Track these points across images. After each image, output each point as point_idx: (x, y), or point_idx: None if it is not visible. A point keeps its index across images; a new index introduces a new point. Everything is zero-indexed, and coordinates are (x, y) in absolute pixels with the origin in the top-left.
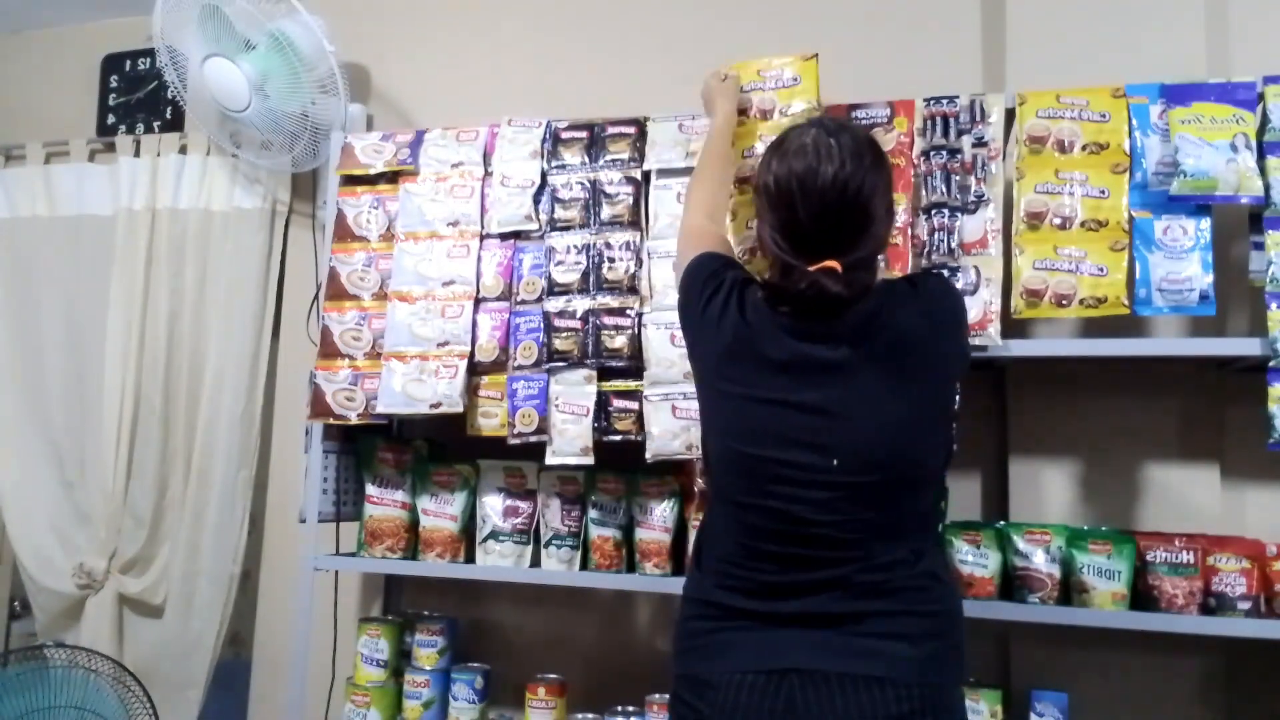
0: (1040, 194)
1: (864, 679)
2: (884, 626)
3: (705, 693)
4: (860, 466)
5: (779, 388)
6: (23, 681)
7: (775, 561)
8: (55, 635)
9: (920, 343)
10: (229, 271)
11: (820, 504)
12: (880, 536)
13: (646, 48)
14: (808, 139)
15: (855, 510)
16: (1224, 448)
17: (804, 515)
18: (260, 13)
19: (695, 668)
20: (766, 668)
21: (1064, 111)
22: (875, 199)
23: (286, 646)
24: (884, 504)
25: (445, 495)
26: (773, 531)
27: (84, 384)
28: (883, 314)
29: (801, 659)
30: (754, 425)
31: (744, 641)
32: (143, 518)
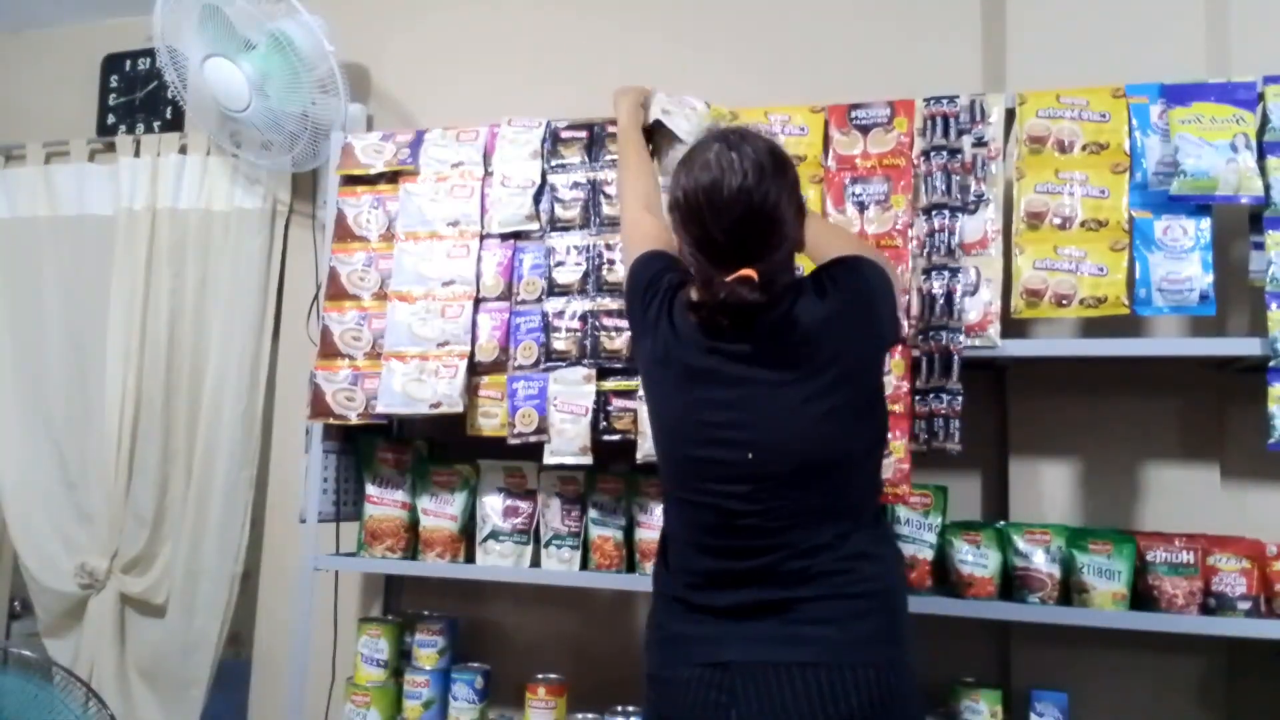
0: (1040, 194)
1: (796, 665)
2: (810, 612)
3: (659, 688)
4: (774, 458)
5: (699, 390)
6: None
7: (711, 554)
8: (57, 636)
9: (826, 335)
10: (229, 271)
11: (743, 496)
12: (803, 524)
13: (647, 47)
14: (710, 154)
15: (776, 500)
16: (1224, 448)
17: (731, 508)
18: (260, 13)
19: (651, 665)
20: (708, 661)
21: (1064, 111)
22: (781, 205)
23: (286, 646)
24: (803, 493)
25: (445, 495)
26: (708, 525)
27: (85, 384)
28: (791, 312)
29: (738, 651)
30: (681, 425)
31: (689, 636)
32: (144, 517)
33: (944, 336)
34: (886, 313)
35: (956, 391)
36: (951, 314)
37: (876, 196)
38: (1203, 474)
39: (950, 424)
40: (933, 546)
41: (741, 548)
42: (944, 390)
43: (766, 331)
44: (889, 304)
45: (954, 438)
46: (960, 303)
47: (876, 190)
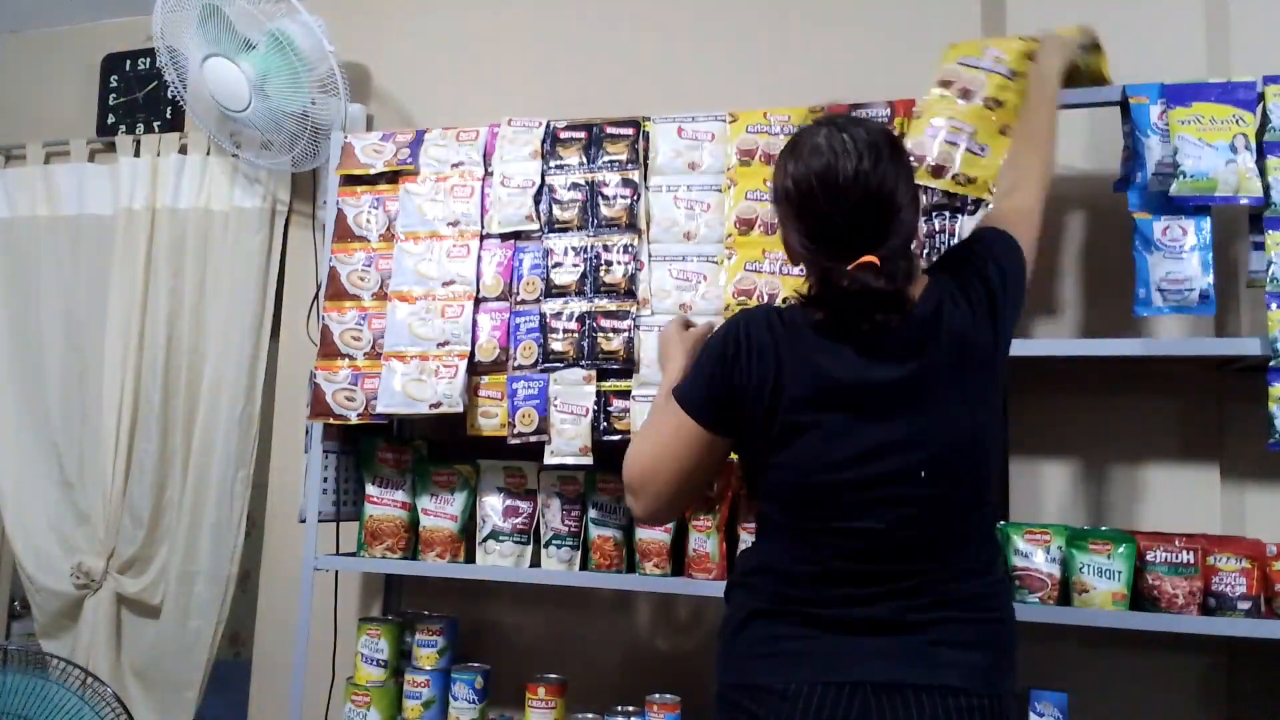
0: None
1: (938, 689)
2: (956, 635)
3: (770, 701)
4: (946, 477)
5: (854, 410)
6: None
7: (848, 579)
8: (53, 635)
9: (977, 341)
10: (229, 271)
11: (905, 520)
12: (957, 543)
13: (647, 47)
14: (820, 138)
15: (937, 521)
16: (1224, 448)
17: (886, 531)
18: (260, 13)
19: (759, 677)
20: (838, 679)
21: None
22: (898, 188)
23: (286, 646)
24: (962, 511)
25: (445, 495)
26: (851, 551)
27: (84, 384)
28: (941, 315)
29: (874, 670)
30: (833, 453)
31: (814, 651)
32: (141, 518)
33: None
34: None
35: None
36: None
37: None
38: (1203, 474)
39: None
40: None
41: (887, 572)
42: None
43: (922, 339)
44: (1019, 291)
45: None
46: None
47: None
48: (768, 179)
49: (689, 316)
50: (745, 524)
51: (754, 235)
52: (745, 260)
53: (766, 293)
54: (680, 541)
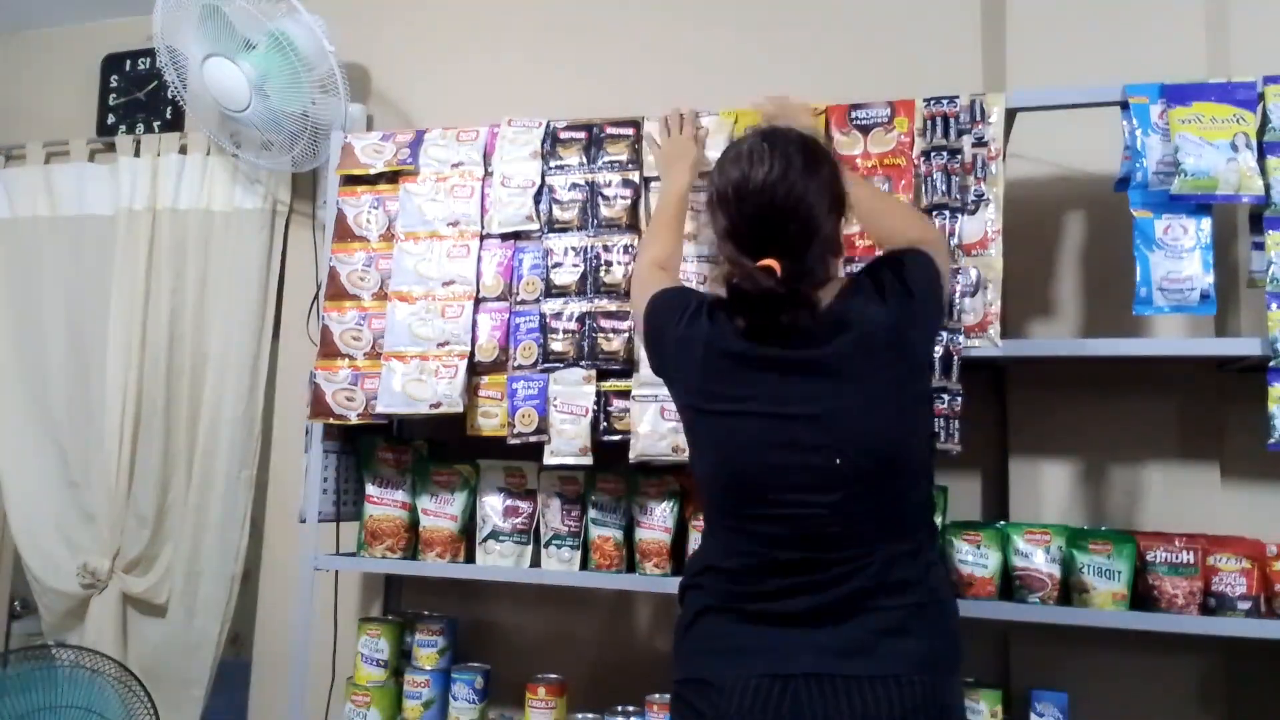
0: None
1: (869, 679)
2: (887, 622)
3: (710, 695)
4: (861, 463)
5: (769, 397)
6: (26, 681)
7: (785, 568)
8: (60, 635)
9: (893, 334)
10: (229, 271)
11: (828, 505)
12: (883, 532)
13: (647, 47)
14: (744, 146)
15: (860, 508)
16: (1224, 448)
17: (814, 516)
18: (260, 13)
19: (701, 670)
20: (773, 672)
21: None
22: (807, 199)
23: (286, 646)
24: (885, 499)
25: (445, 495)
26: (783, 538)
27: (86, 384)
28: (852, 311)
29: (808, 663)
30: (750, 438)
31: (751, 645)
32: (146, 517)
33: (944, 337)
34: (936, 307)
35: (956, 392)
36: (951, 315)
37: None
38: (1203, 474)
39: (950, 424)
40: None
41: (817, 560)
42: (944, 390)
43: (830, 332)
44: (939, 296)
45: (954, 438)
46: (960, 303)
47: None
48: None
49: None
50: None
51: None
52: None
53: None
54: (680, 541)
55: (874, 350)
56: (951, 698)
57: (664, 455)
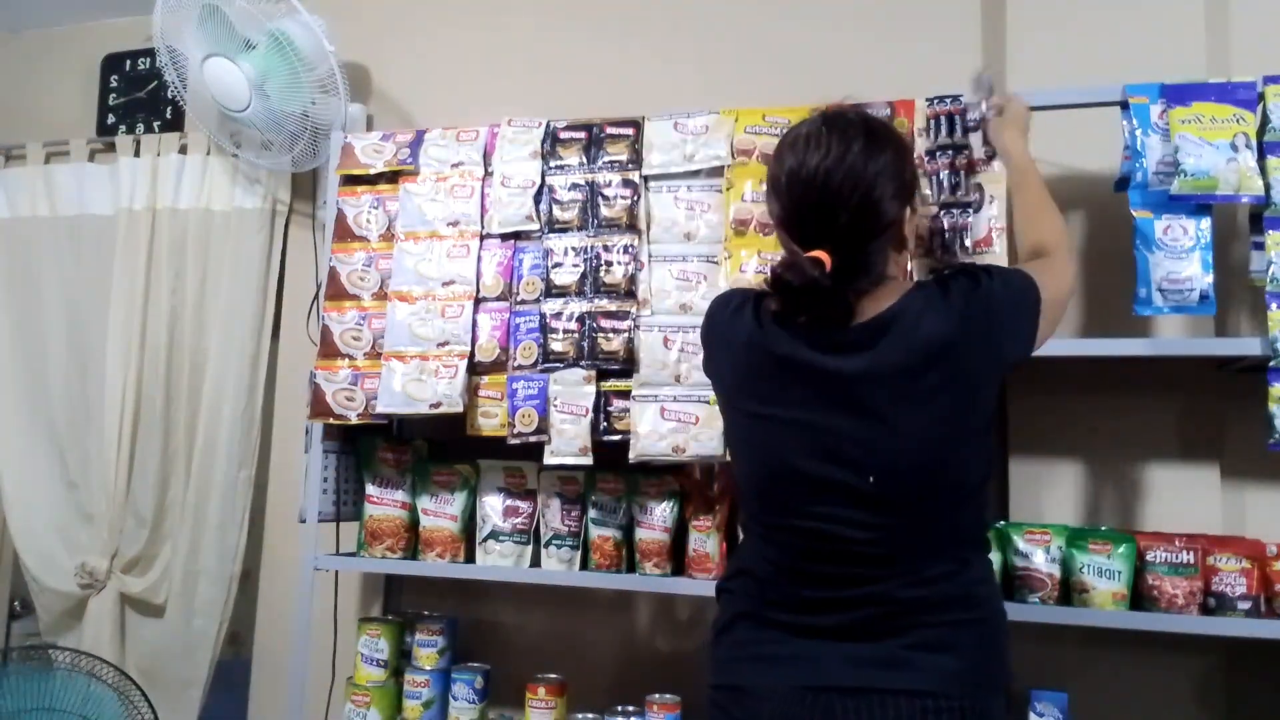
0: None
1: (905, 693)
2: (926, 638)
3: (746, 702)
4: (896, 482)
5: (805, 403)
6: (21, 682)
7: (815, 580)
8: (58, 635)
9: (950, 351)
10: (229, 271)
11: (859, 523)
12: (922, 551)
13: (647, 47)
14: (804, 130)
15: (894, 526)
16: (1224, 448)
17: (842, 534)
18: (260, 13)
19: (736, 678)
20: (806, 683)
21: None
22: (866, 183)
23: (286, 646)
24: (923, 519)
25: (445, 495)
26: (812, 551)
27: (85, 384)
28: (907, 319)
29: (842, 676)
30: (785, 444)
31: (785, 655)
32: (144, 517)
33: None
34: (1013, 328)
35: None
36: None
37: None
38: (1203, 474)
39: None
40: None
41: (849, 575)
42: None
43: (877, 337)
44: (1021, 319)
45: None
46: None
47: None
48: (764, 179)
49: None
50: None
51: (749, 235)
52: (740, 261)
53: None
54: (680, 541)
55: (918, 366)
56: (991, 715)
57: (664, 455)
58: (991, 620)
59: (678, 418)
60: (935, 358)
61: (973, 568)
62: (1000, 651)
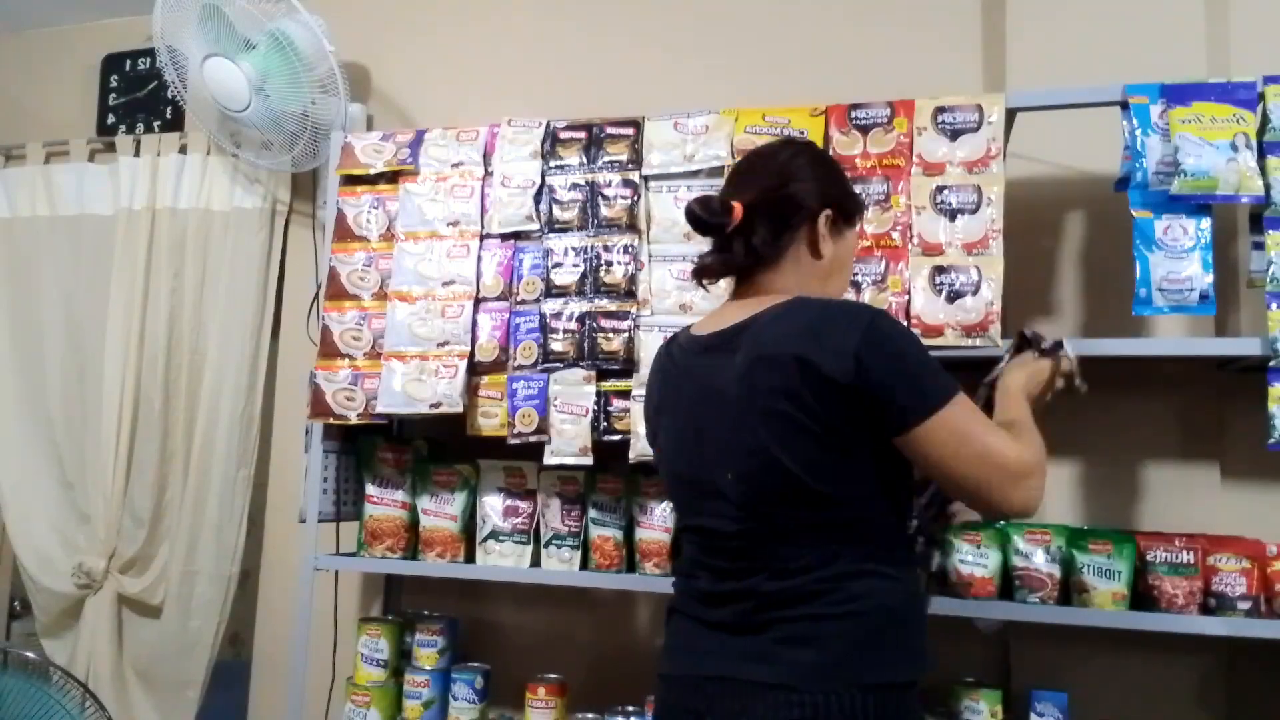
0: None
1: (768, 686)
2: (789, 631)
3: (663, 688)
4: (752, 485)
5: (686, 406)
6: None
7: (706, 572)
8: (54, 635)
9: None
10: (229, 271)
11: (728, 516)
12: (782, 542)
13: (648, 47)
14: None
15: (756, 521)
16: (1224, 448)
17: (716, 528)
18: (260, 13)
19: (661, 666)
20: (695, 672)
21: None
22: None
23: (286, 646)
24: (782, 515)
25: (445, 495)
26: (702, 545)
27: (84, 384)
28: (763, 322)
29: (722, 666)
30: (676, 446)
31: (683, 645)
32: (142, 517)
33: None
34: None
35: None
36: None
37: (876, 196)
38: (1203, 474)
39: None
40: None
41: (727, 568)
42: None
43: (741, 338)
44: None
45: None
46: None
47: (876, 190)
48: None
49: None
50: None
51: None
52: None
53: None
54: (680, 541)
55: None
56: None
57: None
58: (865, 614)
59: None
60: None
61: (841, 561)
62: (874, 646)
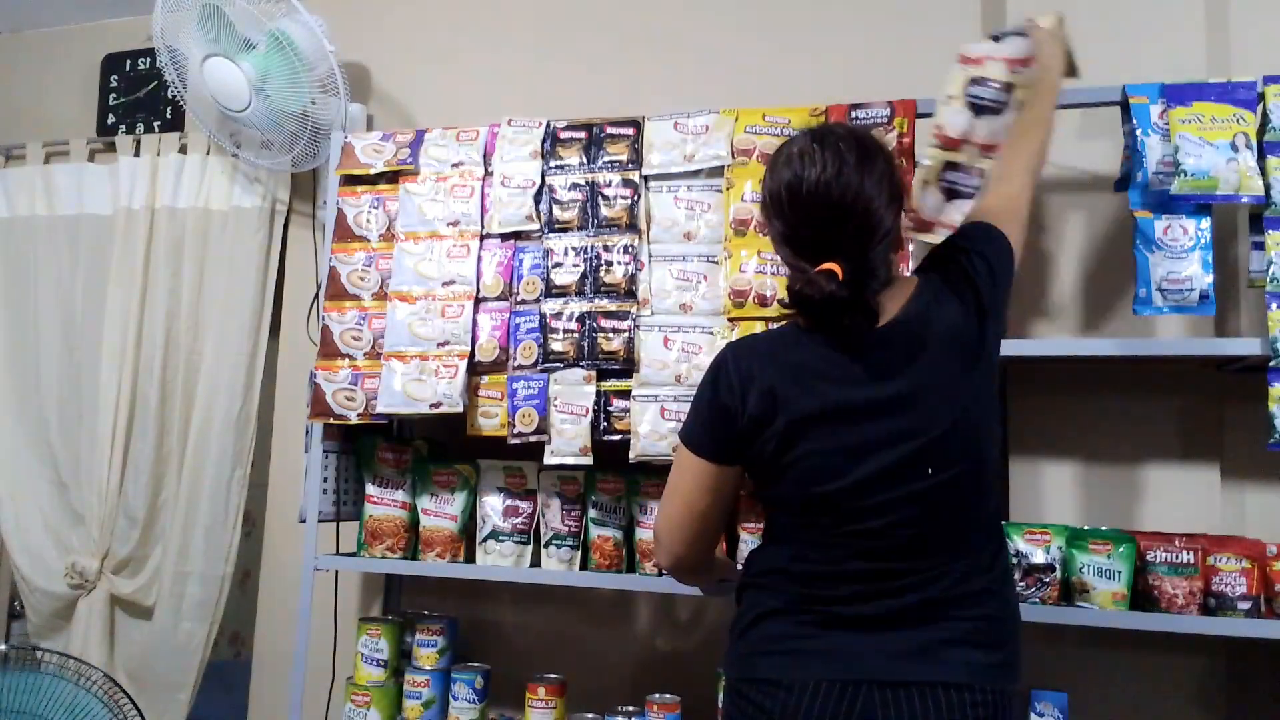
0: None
1: (942, 685)
2: (962, 632)
3: (775, 694)
4: (944, 471)
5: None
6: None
7: (861, 578)
8: (47, 636)
9: (964, 337)
10: (228, 271)
11: (907, 519)
12: (958, 539)
13: (648, 46)
14: (795, 148)
15: (937, 517)
16: (1224, 448)
17: (889, 529)
18: (260, 13)
19: (765, 671)
20: (842, 677)
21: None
22: (864, 194)
23: (286, 646)
24: (963, 505)
25: (445, 495)
26: (861, 551)
27: (80, 384)
28: (929, 316)
29: (878, 668)
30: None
31: (820, 648)
32: (136, 518)
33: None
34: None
35: None
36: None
37: None
38: (1203, 474)
39: None
40: None
41: (892, 570)
42: None
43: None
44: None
45: None
46: None
47: None
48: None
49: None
50: (745, 524)
51: (749, 235)
52: (740, 261)
53: (760, 293)
54: None
55: (950, 360)
56: (1015, 711)
57: (664, 455)
58: (1013, 617)
59: (678, 418)
60: (957, 346)
61: (997, 563)
62: (1018, 647)
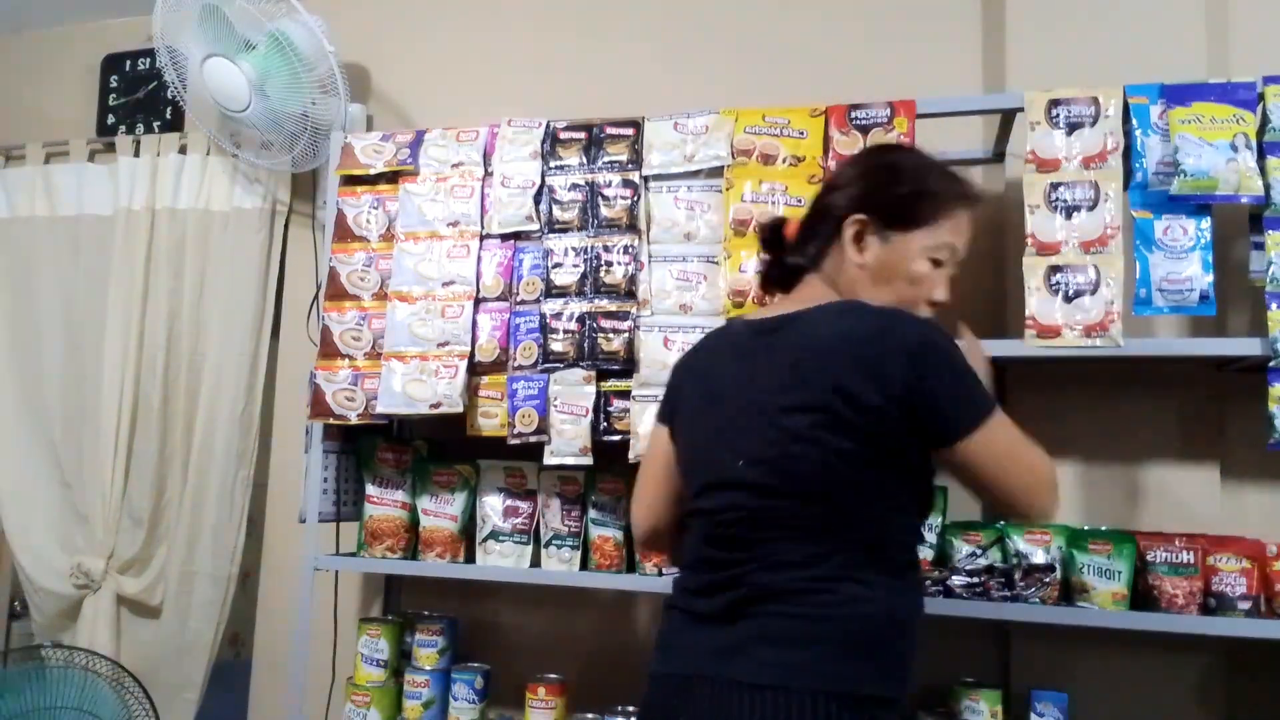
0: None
1: (749, 686)
2: (776, 629)
3: (649, 688)
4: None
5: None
6: (19, 682)
7: (703, 564)
8: (53, 635)
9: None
10: (229, 271)
11: (731, 505)
12: (782, 535)
13: (648, 47)
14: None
15: (760, 510)
16: (1224, 448)
17: (719, 513)
18: (260, 13)
19: (652, 664)
20: (668, 670)
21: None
22: (833, 184)
23: (286, 646)
24: (787, 506)
25: (445, 495)
26: (704, 535)
27: (83, 384)
28: (811, 318)
29: (704, 664)
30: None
31: (665, 642)
32: (140, 518)
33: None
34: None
35: None
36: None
37: None
38: (1203, 474)
39: None
40: (933, 547)
41: (721, 559)
42: None
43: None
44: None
45: None
46: None
47: None
48: (764, 180)
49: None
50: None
51: (749, 235)
52: (740, 261)
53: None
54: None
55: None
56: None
57: None
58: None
59: None
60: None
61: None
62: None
